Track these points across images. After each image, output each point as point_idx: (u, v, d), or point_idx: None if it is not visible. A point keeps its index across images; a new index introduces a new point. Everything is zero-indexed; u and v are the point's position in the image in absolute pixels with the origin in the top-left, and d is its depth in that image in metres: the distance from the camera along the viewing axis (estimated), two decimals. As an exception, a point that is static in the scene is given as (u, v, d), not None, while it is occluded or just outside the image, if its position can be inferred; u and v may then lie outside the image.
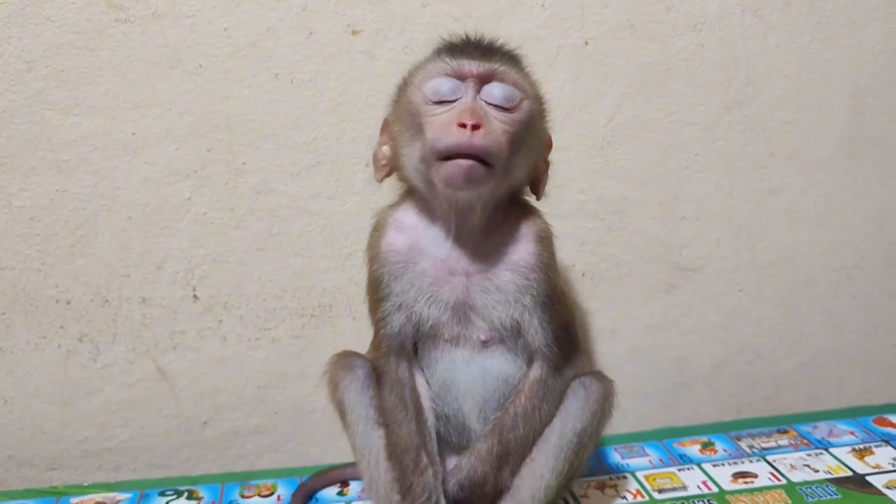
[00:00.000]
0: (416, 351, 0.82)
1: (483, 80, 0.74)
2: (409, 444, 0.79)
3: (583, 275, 1.10)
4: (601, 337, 1.13)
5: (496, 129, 0.72)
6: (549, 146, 0.83)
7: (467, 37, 0.78)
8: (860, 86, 1.12)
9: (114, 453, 1.04)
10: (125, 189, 0.98)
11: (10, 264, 0.98)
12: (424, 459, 0.79)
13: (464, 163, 0.70)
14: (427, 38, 0.79)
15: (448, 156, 0.71)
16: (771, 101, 1.10)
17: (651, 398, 1.16)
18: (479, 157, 0.71)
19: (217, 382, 1.05)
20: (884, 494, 0.89)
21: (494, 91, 0.74)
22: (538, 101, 0.79)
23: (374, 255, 0.81)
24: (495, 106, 0.74)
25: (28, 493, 0.96)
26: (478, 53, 0.75)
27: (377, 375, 0.83)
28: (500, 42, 0.78)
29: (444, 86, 0.74)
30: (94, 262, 0.99)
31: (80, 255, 0.99)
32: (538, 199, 0.82)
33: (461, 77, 0.74)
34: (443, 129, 0.72)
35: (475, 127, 0.70)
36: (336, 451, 1.01)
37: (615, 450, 1.02)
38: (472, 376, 0.80)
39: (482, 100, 0.74)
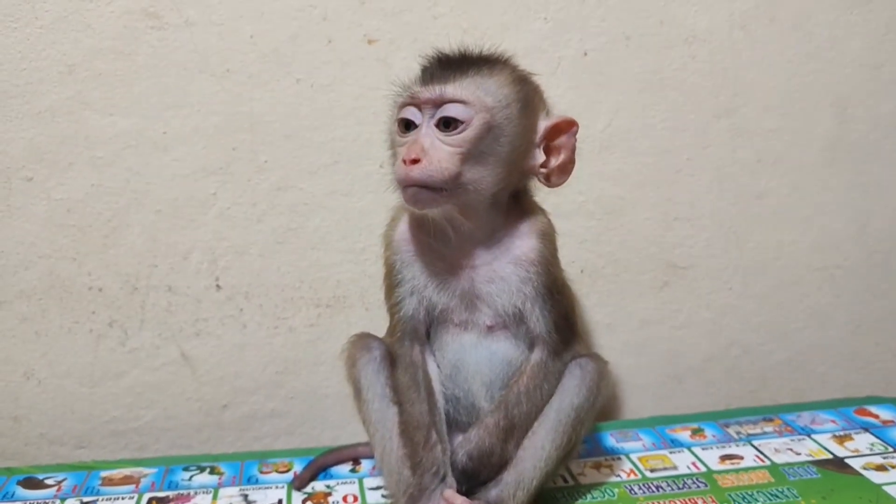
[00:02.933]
0: (428, 336, 0.88)
1: (436, 104, 0.78)
2: (421, 423, 0.84)
3: (581, 271, 1.16)
4: (598, 330, 1.18)
5: (441, 155, 0.77)
6: (553, 134, 0.83)
7: (437, 58, 0.82)
8: (842, 97, 1.17)
9: (139, 433, 1.09)
10: (155, 184, 1.04)
11: (46, 253, 1.03)
12: (434, 437, 0.84)
13: (410, 190, 0.78)
14: (437, 47, 0.83)
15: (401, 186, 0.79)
16: (758, 110, 1.15)
17: (645, 390, 1.21)
18: (422, 185, 0.77)
19: (237, 367, 1.10)
20: (860, 474, 0.94)
21: (446, 113, 0.78)
22: (503, 105, 0.79)
23: (389, 243, 0.88)
24: (447, 128, 0.78)
25: (60, 467, 1.01)
26: (436, 77, 0.80)
27: (392, 358, 0.88)
28: (465, 57, 0.82)
29: (406, 115, 0.80)
30: (124, 253, 1.05)
31: (112, 246, 1.04)
32: (552, 186, 0.85)
33: (418, 105, 0.79)
34: (397, 163, 0.79)
35: (414, 161, 0.76)
36: (348, 435, 1.07)
37: (611, 435, 1.07)
38: (479, 358, 0.86)
39: (434, 125, 0.78)
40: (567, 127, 0.83)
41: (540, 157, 0.84)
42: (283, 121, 1.05)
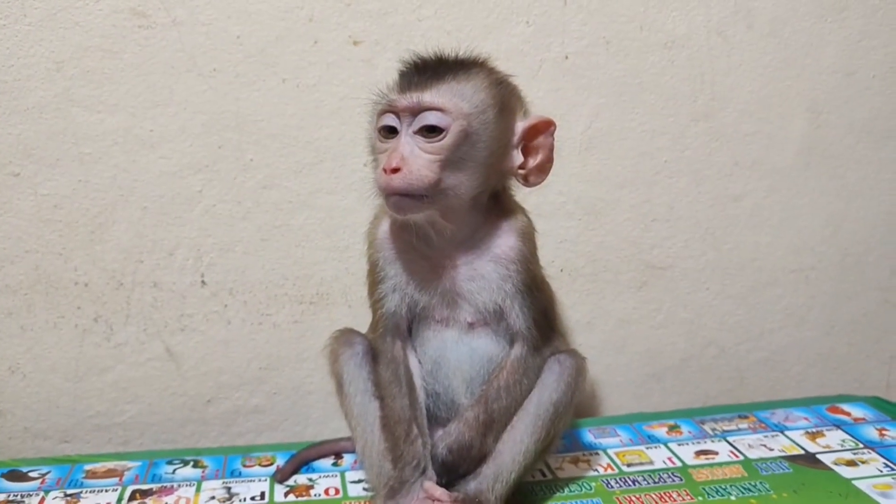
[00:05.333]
0: (410, 332, 0.89)
1: (414, 112, 0.79)
2: (402, 417, 0.86)
3: (561, 270, 1.17)
4: (577, 329, 1.20)
5: (420, 163, 0.78)
6: (531, 135, 0.84)
7: (414, 63, 0.82)
8: (816, 103, 1.19)
9: (123, 428, 1.10)
10: (142, 181, 1.05)
11: (33, 248, 1.04)
12: (415, 431, 0.85)
13: (392, 198, 0.79)
14: (421, 49, 0.83)
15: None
16: (734, 115, 1.17)
17: (623, 388, 1.23)
18: (403, 194, 0.79)
19: (221, 363, 1.11)
20: (831, 469, 0.97)
21: (424, 120, 0.78)
22: (480, 111, 0.80)
23: (372, 241, 0.89)
24: (425, 135, 0.79)
25: (44, 461, 1.02)
26: (413, 84, 0.80)
27: (374, 353, 0.90)
28: (441, 62, 0.82)
29: (386, 121, 0.81)
30: (110, 248, 1.06)
31: (98, 242, 1.05)
32: (530, 186, 0.86)
33: (397, 112, 0.80)
34: (378, 171, 0.80)
35: (395, 170, 0.77)
36: (331, 431, 1.08)
37: (589, 431, 1.09)
38: (460, 355, 0.87)
39: (413, 132, 0.79)
40: (545, 127, 0.84)
41: (518, 158, 0.85)
42: (268, 120, 1.06)
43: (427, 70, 0.81)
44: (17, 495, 0.94)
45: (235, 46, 1.04)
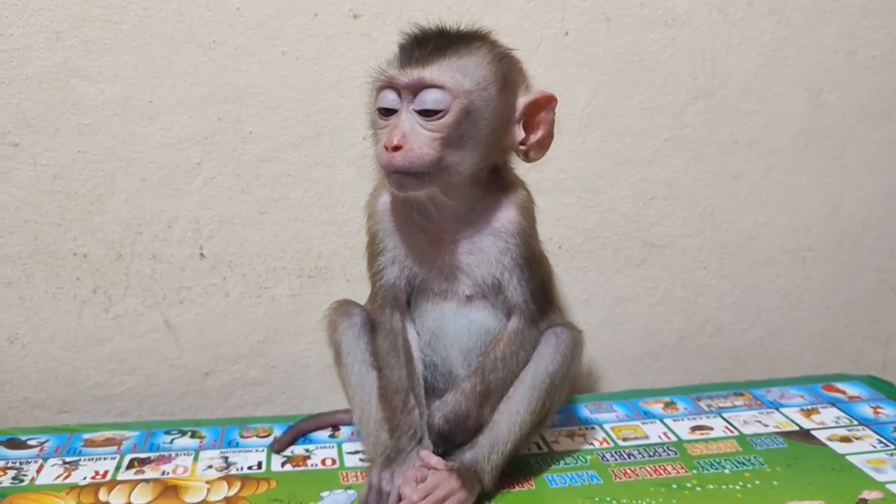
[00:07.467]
0: (409, 304, 0.89)
1: (415, 89, 0.78)
2: (400, 387, 0.86)
3: (559, 247, 1.17)
4: (575, 306, 1.20)
5: (421, 140, 0.78)
6: (533, 110, 0.84)
7: (415, 37, 0.81)
8: (816, 82, 1.19)
9: (121, 399, 1.11)
10: (141, 152, 1.05)
11: (32, 218, 1.04)
12: (412, 401, 0.86)
13: (393, 177, 0.79)
14: (422, 23, 0.82)
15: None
16: (734, 93, 1.17)
17: (620, 366, 1.23)
18: (404, 172, 0.79)
19: (219, 336, 1.11)
20: (825, 445, 0.97)
21: (425, 98, 0.78)
22: (482, 88, 0.80)
23: (371, 213, 0.89)
24: (426, 113, 0.78)
25: (43, 430, 1.02)
26: (414, 60, 0.79)
27: (372, 324, 0.90)
28: (443, 35, 0.81)
29: (386, 98, 0.80)
30: (110, 220, 1.06)
31: (97, 213, 1.05)
32: (530, 161, 0.86)
33: (397, 88, 0.79)
34: (379, 148, 0.80)
35: (396, 148, 0.77)
36: (328, 404, 1.08)
37: (585, 406, 1.10)
38: (458, 327, 0.88)
39: (414, 110, 0.78)
40: (546, 102, 0.84)
41: (519, 133, 0.85)
42: (268, 92, 1.06)
43: (428, 44, 0.80)
44: (15, 462, 0.94)
45: (235, 18, 1.03)
